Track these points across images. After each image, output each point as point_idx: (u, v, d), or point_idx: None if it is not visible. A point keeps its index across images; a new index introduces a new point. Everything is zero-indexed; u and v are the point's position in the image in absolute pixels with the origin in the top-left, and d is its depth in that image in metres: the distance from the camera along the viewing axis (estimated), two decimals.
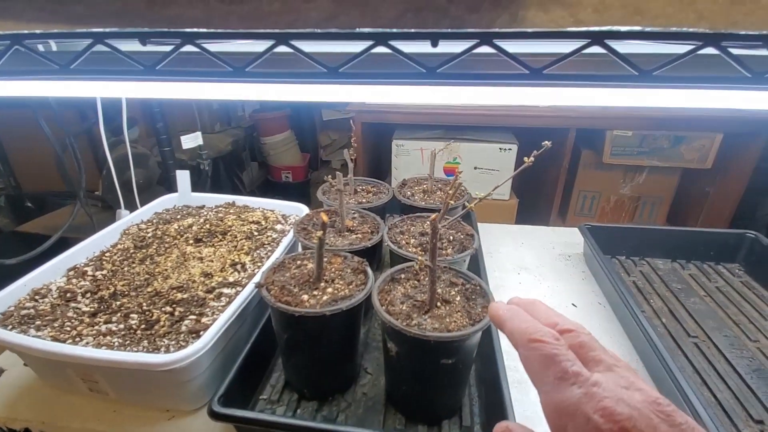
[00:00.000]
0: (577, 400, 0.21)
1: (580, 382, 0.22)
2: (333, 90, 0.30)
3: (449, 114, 1.54)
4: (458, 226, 0.63)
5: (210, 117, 2.44)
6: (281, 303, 0.45)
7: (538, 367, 0.24)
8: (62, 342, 0.46)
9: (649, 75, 0.27)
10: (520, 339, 0.25)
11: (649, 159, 1.49)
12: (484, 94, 0.30)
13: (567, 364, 0.23)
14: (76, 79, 0.32)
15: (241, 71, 0.30)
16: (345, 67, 0.30)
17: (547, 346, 0.24)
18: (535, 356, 0.24)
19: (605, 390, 0.21)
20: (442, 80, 0.29)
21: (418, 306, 0.46)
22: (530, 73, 0.28)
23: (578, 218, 1.70)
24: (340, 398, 0.52)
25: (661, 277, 0.78)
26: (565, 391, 0.22)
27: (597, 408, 0.20)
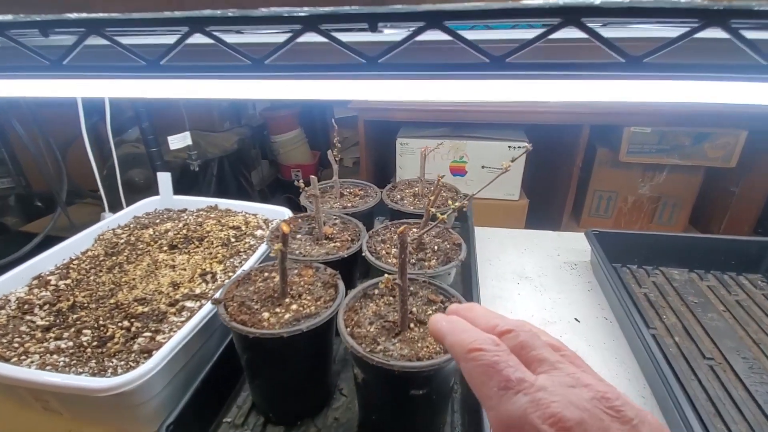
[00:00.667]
0: (524, 411, 0.19)
1: (525, 389, 0.20)
2: (255, 86, 0.25)
3: (456, 111, 1.48)
4: (446, 235, 0.58)
5: (220, 115, 2.44)
6: (236, 323, 0.41)
7: (480, 379, 0.22)
8: (7, 359, 0.43)
9: (639, 62, 0.22)
10: (460, 351, 0.23)
11: (670, 157, 1.39)
12: (436, 87, 0.25)
13: (509, 371, 0.21)
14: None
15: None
16: (271, 59, 0.25)
17: (486, 354, 0.22)
18: (475, 368, 0.22)
19: (552, 394, 0.20)
20: (384, 72, 0.24)
21: (389, 328, 0.41)
22: (491, 63, 0.23)
23: (593, 219, 1.62)
24: (310, 423, 0.48)
25: (676, 288, 0.71)
26: (510, 401, 0.20)
27: (545, 416, 0.19)
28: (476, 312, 0.27)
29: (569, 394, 0.20)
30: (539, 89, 0.24)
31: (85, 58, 0.27)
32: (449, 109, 1.49)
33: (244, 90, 0.26)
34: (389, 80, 0.24)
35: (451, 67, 0.24)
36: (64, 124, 1.17)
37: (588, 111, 1.38)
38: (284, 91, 0.26)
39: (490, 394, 0.21)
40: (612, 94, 0.24)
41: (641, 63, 0.22)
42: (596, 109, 1.38)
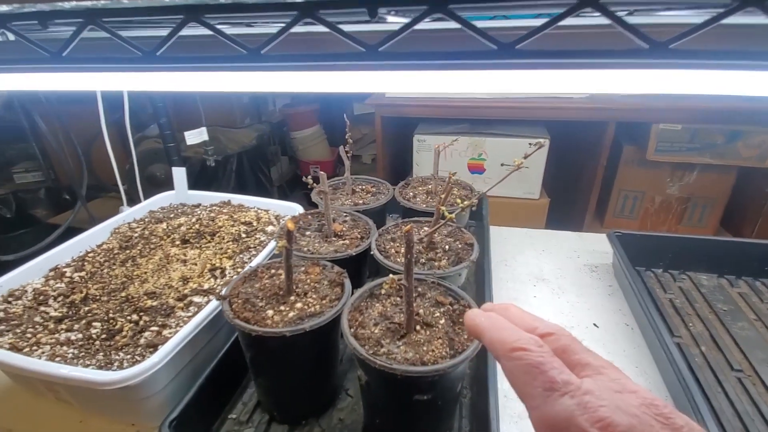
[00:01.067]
0: (571, 413, 0.19)
1: (571, 391, 0.20)
2: (251, 78, 0.24)
3: (475, 107, 1.45)
4: (457, 234, 0.56)
5: (240, 111, 2.47)
6: (239, 320, 0.41)
7: (523, 379, 0.21)
8: (20, 349, 0.44)
9: (664, 49, 0.20)
10: (501, 349, 0.23)
11: (701, 156, 1.33)
12: (439, 78, 0.23)
13: (554, 372, 0.21)
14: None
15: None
16: (267, 48, 0.24)
17: (530, 354, 0.22)
18: (518, 367, 0.22)
19: (599, 398, 0.19)
20: (385, 62, 0.23)
21: (394, 330, 0.40)
22: (499, 50, 0.21)
23: (618, 220, 1.56)
24: (314, 423, 0.47)
25: (704, 295, 0.67)
26: (556, 403, 0.20)
27: (594, 419, 0.18)
28: (512, 312, 0.27)
29: (616, 399, 0.19)
30: (553, 79, 0.22)
31: (85, 51, 0.27)
32: (468, 104, 1.45)
33: (240, 81, 0.25)
34: (391, 71, 0.23)
35: (453, 56, 0.22)
36: (89, 120, 1.20)
37: (614, 107, 1.32)
38: (281, 82, 0.25)
39: (534, 394, 0.21)
40: (634, 85, 0.22)
41: (667, 49, 0.20)
42: (623, 104, 1.32)
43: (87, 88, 0.29)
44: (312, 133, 2.90)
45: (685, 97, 1.27)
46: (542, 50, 0.21)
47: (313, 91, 0.26)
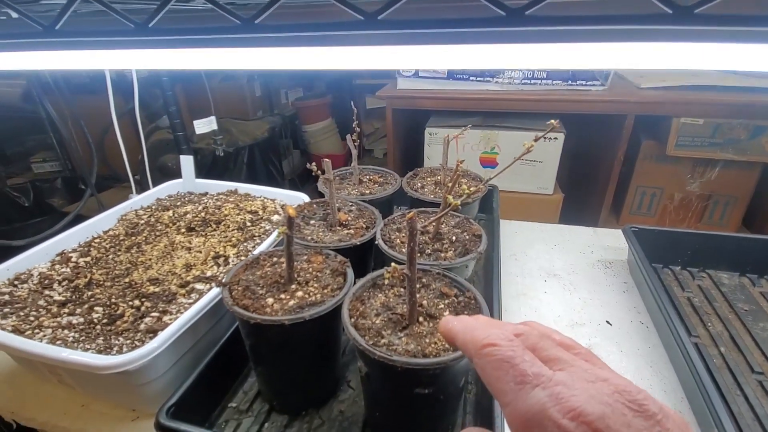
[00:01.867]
0: (542, 405, 0.19)
1: (542, 383, 0.19)
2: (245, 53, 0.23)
3: (488, 99, 1.42)
4: (465, 225, 0.55)
5: (252, 104, 2.48)
6: (238, 307, 0.40)
7: (495, 374, 0.21)
8: (22, 332, 0.44)
9: (689, 14, 0.18)
10: (473, 348, 0.23)
11: (723, 152, 1.28)
12: (439, 52, 0.21)
13: (525, 365, 0.20)
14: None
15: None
16: (261, 18, 0.23)
17: (501, 349, 0.21)
18: (490, 363, 0.21)
19: (571, 388, 0.19)
20: (384, 30, 0.21)
21: (396, 321, 0.39)
22: (507, 16, 0.20)
23: (634, 217, 1.52)
24: (314, 414, 0.47)
25: (724, 294, 0.64)
26: (528, 396, 0.19)
27: (565, 409, 0.18)
28: (481, 319, 0.26)
29: (589, 388, 0.19)
30: (565, 52, 0.20)
31: (78, 25, 0.26)
32: (481, 97, 1.43)
33: (235, 55, 0.24)
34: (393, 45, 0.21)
35: (454, 23, 0.20)
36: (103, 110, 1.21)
37: (633, 99, 1.28)
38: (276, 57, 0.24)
39: (506, 389, 0.20)
40: (654, 58, 0.20)
41: (692, 14, 0.18)
42: (643, 97, 1.28)
43: (81, 65, 0.29)
44: (324, 126, 2.90)
45: (708, 89, 1.22)
46: (556, 16, 0.19)
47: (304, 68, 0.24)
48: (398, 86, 1.46)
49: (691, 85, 1.25)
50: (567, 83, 1.37)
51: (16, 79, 1.67)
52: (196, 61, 0.26)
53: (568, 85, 1.37)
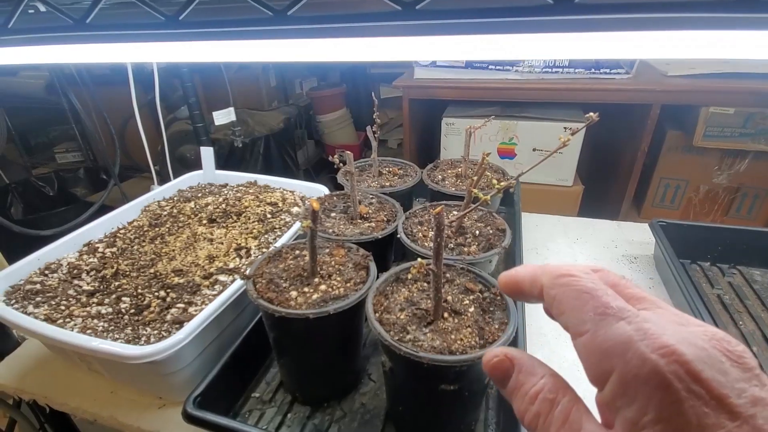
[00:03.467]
0: (628, 338, 0.17)
1: (628, 317, 0.18)
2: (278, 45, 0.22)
3: (507, 89, 1.38)
4: (488, 219, 0.54)
5: (268, 94, 2.48)
6: (263, 300, 0.40)
7: (572, 304, 0.19)
8: (54, 321, 0.45)
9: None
10: (547, 278, 0.21)
11: (755, 142, 1.23)
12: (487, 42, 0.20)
13: (608, 298, 0.19)
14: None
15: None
16: (293, 9, 0.22)
17: (580, 280, 0.20)
18: (566, 293, 0.20)
19: (661, 327, 0.17)
20: (423, 21, 0.20)
21: (420, 316, 0.38)
22: (554, 5, 0.19)
23: (657, 210, 1.48)
24: (336, 406, 0.47)
25: (756, 291, 0.62)
26: (612, 327, 0.18)
27: (656, 346, 0.16)
28: None
29: (681, 330, 0.17)
30: (615, 42, 0.19)
31: (108, 18, 0.26)
32: (500, 86, 1.40)
33: (266, 49, 0.23)
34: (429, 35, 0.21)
35: (504, 12, 0.19)
36: (123, 102, 1.23)
37: (660, 88, 1.23)
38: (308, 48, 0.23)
39: (585, 319, 0.19)
40: (700, 47, 0.19)
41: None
42: (669, 86, 1.23)
43: (112, 58, 0.28)
44: (338, 116, 2.88)
45: (740, 76, 1.17)
46: (605, 3, 0.18)
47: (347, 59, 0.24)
48: (415, 75, 1.44)
49: (721, 73, 1.20)
50: (590, 71, 1.33)
51: (39, 70, 1.71)
52: (228, 53, 0.25)
53: (591, 74, 1.33)
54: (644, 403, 0.16)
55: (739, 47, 0.19)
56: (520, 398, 0.20)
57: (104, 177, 1.89)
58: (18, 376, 0.53)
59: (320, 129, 2.86)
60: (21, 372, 0.53)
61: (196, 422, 0.39)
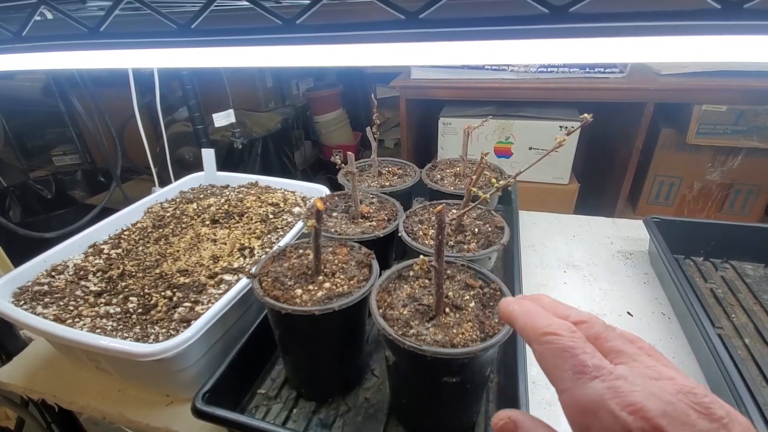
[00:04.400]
0: (600, 396, 0.19)
1: (603, 375, 0.19)
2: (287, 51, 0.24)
3: (503, 88, 1.40)
4: (487, 217, 0.55)
5: (265, 95, 2.48)
6: (269, 298, 0.41)
7: (553, 362, 0.21)
8: (63, 321, 0.46)
9: (738, 8, 0.18)
10: (533, 334, 0.23)
11: (747, 139, 1.25)
12: (481, 48, 0.22)
13: (585, 357, 0.20)
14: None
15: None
16: (302, 18, 0.23)
17: (561, 338, 0.21)
18: (549, 350, 0.22)
19: (632, 384, 0.19)
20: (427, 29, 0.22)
21: (423, 311, 0.39)
22: (550, 14, 0.20)
23: (652, 207, 1.50)
24: (341, 401, 0.48)
25: (749, 285, 0.64)
26: (586, 386, 0.19)
27: (625, 404, 0.18)
28: (545, 302, 0.26)
29: (651, 385, 0.19)
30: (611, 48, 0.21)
31: (122, 27, 0.27)
32: (495, 86, 1.41)
33: (276, 55, 0.25)
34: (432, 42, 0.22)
35: (498, 21, 0.20)
36: (122, 103, 1.23)
37: (653, 87, 1.25)
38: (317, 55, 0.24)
39: (564, 377, 0.20)
40: (704, 52, 0.20)
41: (741, 8, 0.18)
42: (663, 84, 1.25)
43: (125, 64, 0.30)
44: (335, 116, 2.89)
45: (731, 74, 1.19)
46: (601, 13, 0.19)
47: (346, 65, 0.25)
48: (412, 76, 1.45)
49: (713, 71, 1.22)
50: (584, 71, 1.34)
51: (35, 74, 1.71)
52: (238, 59, 0.26)
53: (586, 73, 1.34)
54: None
55: (722, 52, 0.20)
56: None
57: (102, 179, 1.89)
58: (27, 376, 0.53)
59: (317, 129, 2.87)
60: (29, 372, 0.54)
61: (205, 417, 0.40)
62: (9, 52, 0.30)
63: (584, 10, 0.19)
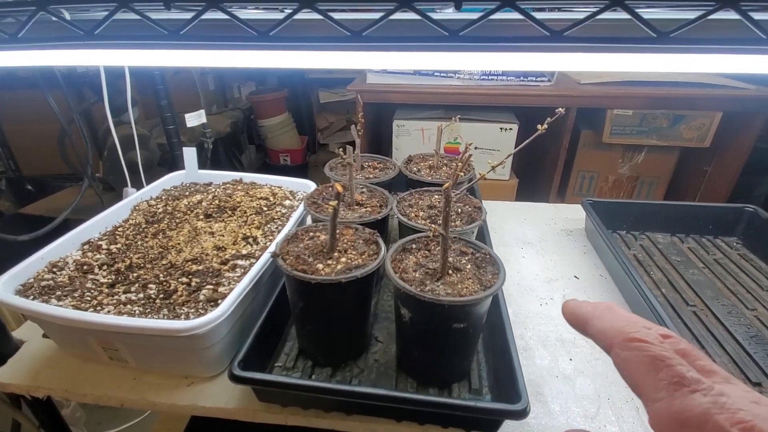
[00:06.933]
0: (705, 410, 0.18)
1: (704, 390, 0.19)
2: (355, 56, 0.30)
3: (450, 93, 1.53)
4: (466, 200, 0.64)
5: (206, 98, 2.42)
6: (297, 271, 0.46)
7: (643, 370, 0.20)
8: (84, 311, 0.47)
9: (667, 37, 0.28)
10: (617, 338, 0.22)
11: (649, 138, 1.50)
12: (505, 58, 0.30)
13: (682, 369, 0.20)
14: (101, 47, 0.32)
15: (265, 36, 0.30)
16: (368, 31, 0.30)
17: (652, 347, 0.21)
18: (637, 358, 0.21)
19: (736, 403, 0.18)
20: (464, 44, 0.30)
21: (431, 274, 0.47)
22: (551, 36, 0.29)
23: (576, 198, 1.72)
24: (353, 365, 0.54)
25: (660, 250, 0.80)
26: (687, 398, 0.19)
27: (734, 420, 0.17)
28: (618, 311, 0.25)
29: (755, 408, 0.18)
30: (588, 60, 0.30)
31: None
32: (444, 92, 1.54)
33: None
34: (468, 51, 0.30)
35: (518, 40, 0.29)
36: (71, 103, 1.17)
37: (575, 93, 1.46)
38: (377, 60, 0.31)
39: (658, 387, 0.20)
40: (645, 65, 0.31)
41: (669, 37, 0.28)
42: (582, 91, 1.46)
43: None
44: (281, 120, 2.88)
45: (636, 84, 1.42)
46: (587, 36, 0.29)
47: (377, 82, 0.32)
48: (367, 80, 1.53)
49: (622, 81, 1.45)
50: (519, 79, 1.52)
51: None
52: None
53: (520, 81, 1.52)
54: None
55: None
56: None
57: (29, 188, 1.73)
58: (28, 375, 0.52)
59: (263, 133, 2.84)
60: (30, 371, 0.53)
61: (242, 381, 0.45)
62: None
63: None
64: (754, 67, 0.29)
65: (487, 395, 0.50)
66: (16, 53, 0.35)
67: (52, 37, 0.33)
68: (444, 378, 0.51)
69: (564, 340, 0.60)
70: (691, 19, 0.27)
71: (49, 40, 0.33)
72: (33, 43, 0.33)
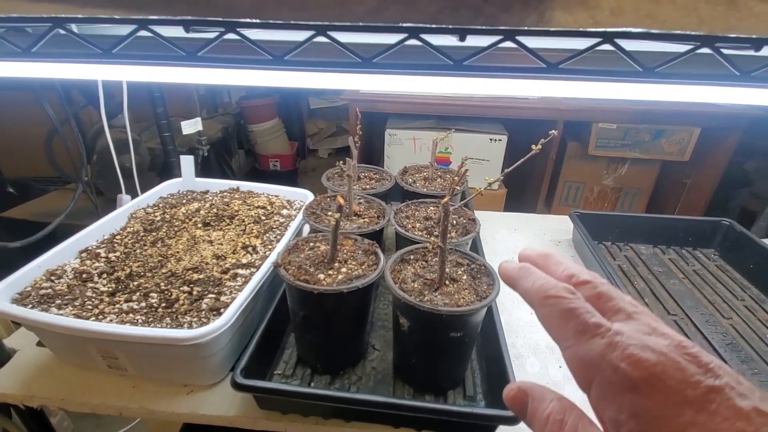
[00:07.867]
0: (601, 351, 0.21)
1: (602, 332, 0.21)
2: (365, 79, 0.32)
3: (441, 104, 1.57)
4: (460, 212, 0.67)
5: (198, 103, 2.41)
6: (300, 281, 0.48)
7: (557, 323, 0.24)
8: (85, 320, 0.47)
9: (652, 72, 0.31)
10: (536, 297, 0.25)
11: (632, 151, 1.55)
12: (505, 85, 0.32)
13: (586, 316, 0.22)
14: (117, 64, 0.33)
15: (280, 60, 0.31)
16: (379, 58, 0.32)
17: (563, 300, 0.23)
18: (552, 312, 0.24)
19: (628, 338, 0.21)
20: (467, 72, 0.32)
21: (428, 284, 0.49)
22: (547, 67, 0.31)
23: (563, 208, 1.77)
24: (351, 372, 0.56)
25: (644, 261, 0.84)
26: (587, 343, 0.22)
27: (623, 356, 0.20)
28: (552, 260, 0.28)
29: (645, 339, 0.21)
30: (581, 89, 0.33)
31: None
32: (435, 102, 1.57)
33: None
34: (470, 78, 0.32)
35: (517, 70, 0.32)
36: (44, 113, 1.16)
37: (562, 107, 1.51)
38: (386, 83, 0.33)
39: (567, 336, 0.23)
40: (632, 94, 0.33)
41: (654, 72, 0.31)
42: (569, 106, 1.51)
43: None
44: (271, 126, 2.88)
45: (620, 101, 1.48)
46: (578, 68, 0.31)
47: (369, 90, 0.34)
48: (360, 90, 1.56)
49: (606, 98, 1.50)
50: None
51: None
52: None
53: (510, 95, 1.56)
54: (619, 404, 0.20)
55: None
56: (536, 423, 0.23)
57: (11, 191, 1.70)
58: (22, 385, 0.52)
59: (252, 138, 2.83)
60: (24, 380, 0.53)
61: (245, 389, 0.45)
62: None
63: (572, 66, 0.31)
64: (727, 98, 0.32)
65: (481, 401, 0.52)
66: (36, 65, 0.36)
67: (68, 53, 0.34)
68: (440, 385, 0.53)
69: (554, 348, 0.63)
70: (674, 55, 0.30)
71: (68, 56, 0.34)
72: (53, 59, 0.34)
